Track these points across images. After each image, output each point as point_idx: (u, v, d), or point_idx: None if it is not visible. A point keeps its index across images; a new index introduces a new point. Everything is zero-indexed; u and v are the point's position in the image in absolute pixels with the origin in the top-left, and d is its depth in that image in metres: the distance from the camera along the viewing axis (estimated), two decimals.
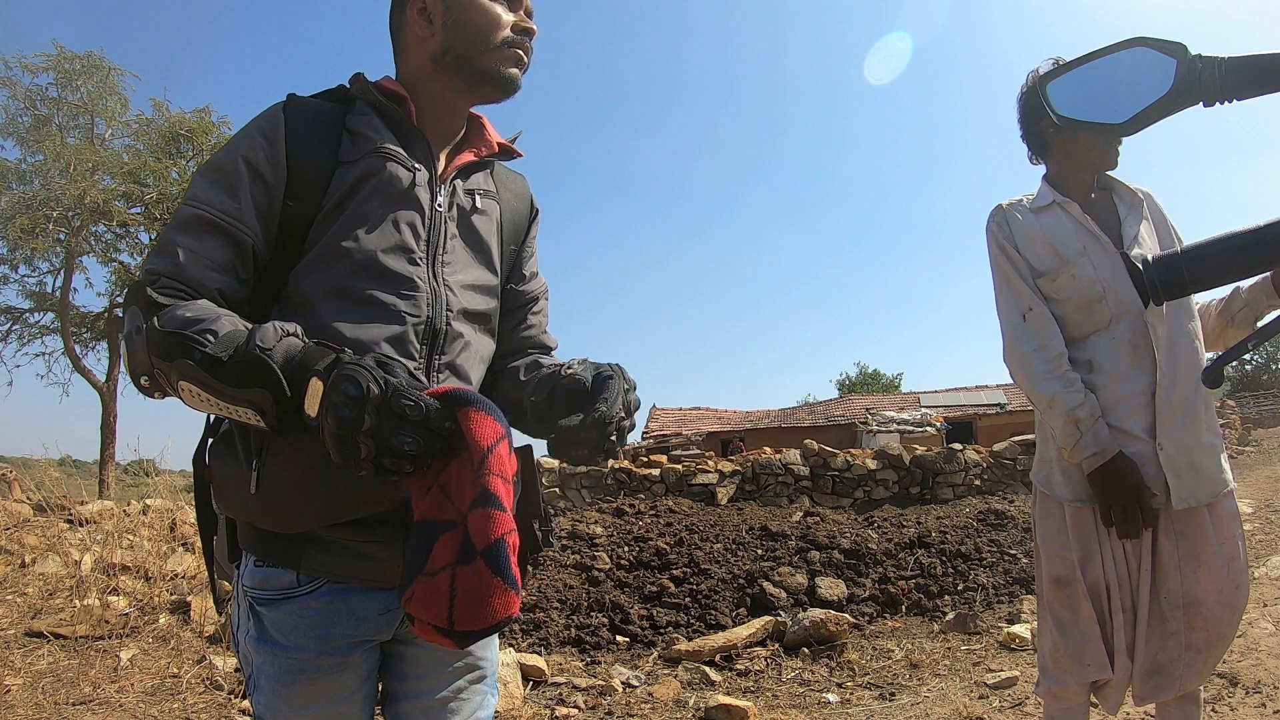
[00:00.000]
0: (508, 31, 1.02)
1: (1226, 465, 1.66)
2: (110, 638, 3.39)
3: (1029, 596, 4.46)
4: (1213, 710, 2.63)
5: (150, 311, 0.84)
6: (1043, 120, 1.77)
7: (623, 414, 0.93)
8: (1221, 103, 0.66)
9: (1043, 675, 1.73)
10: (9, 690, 2.87)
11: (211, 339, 0.80)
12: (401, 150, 0.99)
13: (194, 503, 1.04)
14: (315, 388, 0.76)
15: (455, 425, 0.77)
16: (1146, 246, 1.66)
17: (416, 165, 1.00)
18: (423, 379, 0.82)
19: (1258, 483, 8.59)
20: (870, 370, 41.15)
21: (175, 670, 3.17)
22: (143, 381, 0.86)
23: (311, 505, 0.92)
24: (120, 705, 2.86)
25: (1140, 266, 0.73)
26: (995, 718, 2.92)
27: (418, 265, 0.98)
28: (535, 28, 1.05)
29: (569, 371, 1.00)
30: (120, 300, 13.29)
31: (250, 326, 0.83)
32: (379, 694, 1.06)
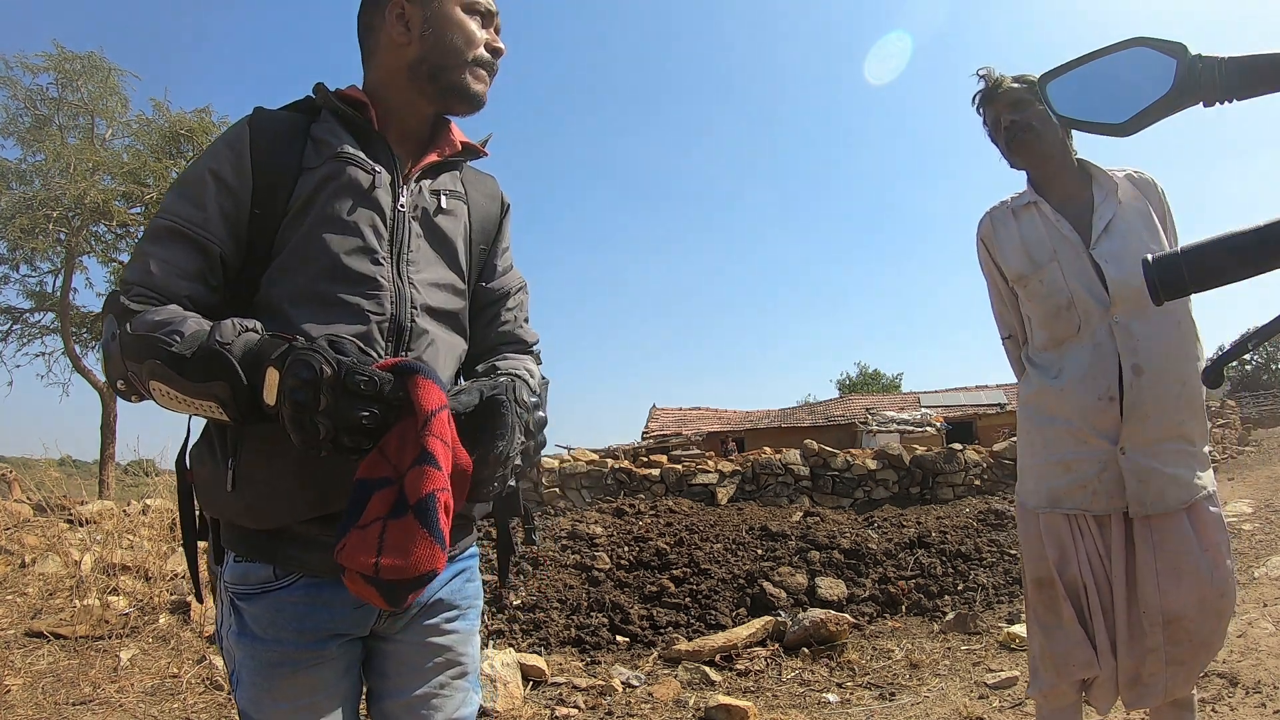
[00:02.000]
0: (481, 50, 1.06)
1: (1206, 474, 1.62)
2: (110, 638, 3.39)
3: None
4: (1213, 710, 2.63)
5: (124, 318, 0.89)
6: (989, 131, 1.79)
7: (522, 441, 0.93)
8: (1221, 103, 0.66)
9: (1034, 677, 1.74)
10: (9, 690, 2.87)
11: (178, 339, 0.84)
12: (360, 153, 1.02)
13: (178, 507, 1.07)
14: (271, 377, 0.79)
15: (406, 394, 0.80)
16: (1118, 238, 1.63)
17: (376, 167, 1.02)
18: (372, 353, 0.87)
19: (1258, 483, 8.59)
20: (870, 370, 41.16)
21: (175, 670, 3.17)
22: (119, 385, 0.90)
23: (286, 501, 0.95)
24: (120, 705, 2.87)
25: (1140, 265, 0.73)
26: (995, 718, 2.92)
27: (381, 265, 1.00)
28: (505, 48, 1.10)
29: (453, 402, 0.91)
30: None
31: (212, 326, 0.87)
32: (364, 694, 1.08)
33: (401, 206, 1.04)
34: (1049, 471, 1.67)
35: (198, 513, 1.05)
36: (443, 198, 1.09)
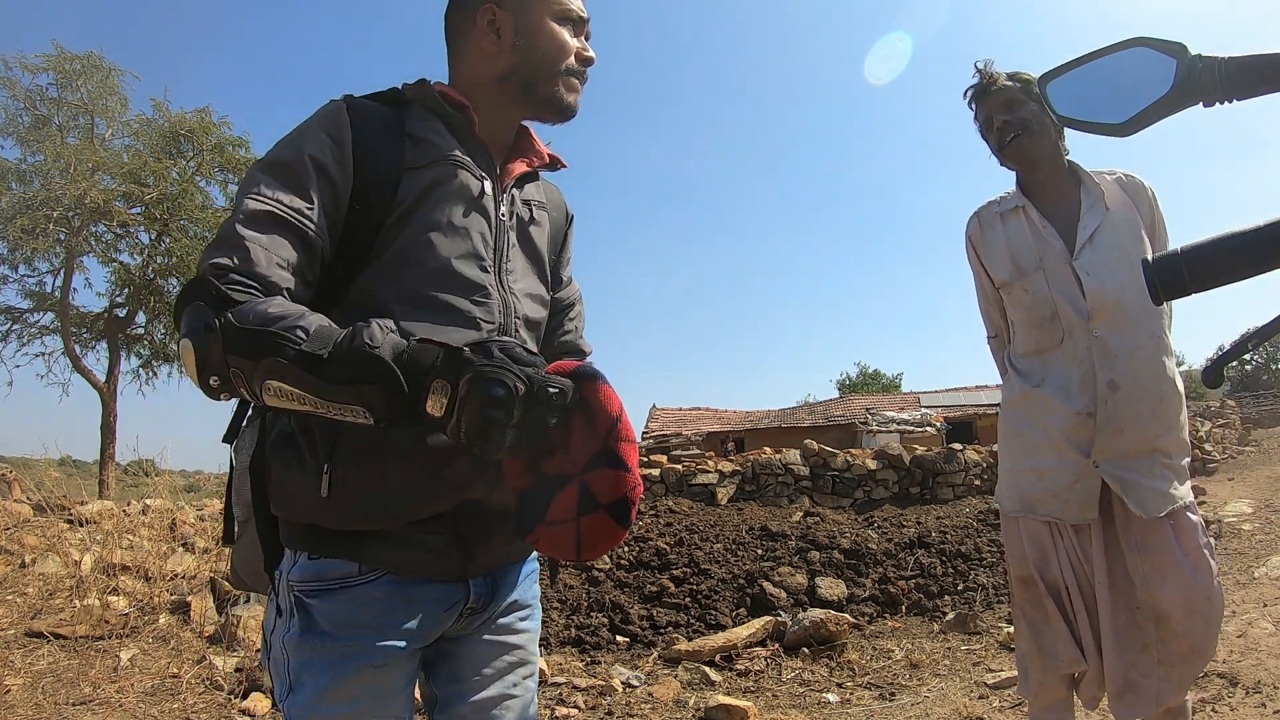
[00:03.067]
0: (572, 60, 1.04)
1: (1184, 487, 1.62)
2: (110, 638, 3.39)
3: None
4: (1213, 710, 2.63)
5: (223, 306, 0.80)
6: (980, 128, 1.77)
7: None
8: (1221, 103, 0.66)
9: (1023, 676, 1.75)
10: (9, 690, 2.87)
11: (303, 335, 0.78)
12: (469, 159, 0.99)
13: (248, 505, 0.99)
14: (439, 388, 0.75)
15: (584, 398, 0.82)
16: (1102, 248, 1.62)
17: (483, 174, 1.00)
18: (534, 349, 0.84)
19: (1258, 483, 8.59)
20: (870, 370, 41.14)
21: (175, 670, 3.17)
22: (212, 382, 0.81)
23: (385, 506, 0.91)
24: (120, 705, 2.86)
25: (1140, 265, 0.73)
26: (995, 718, 2.92)
27: (488, 273, 0.99)
28: (595, 57, 1.06)
29: None
30: (121, 300, 13.26)
31: (332, 324, 0.81)
32: (432, 702, 1.06)
33: (502, 215, 1.02)
34: (1023, 478, 1.68)
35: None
36: (534, 209, 1.08)
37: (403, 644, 0.94)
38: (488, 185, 1.00)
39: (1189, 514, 1.59)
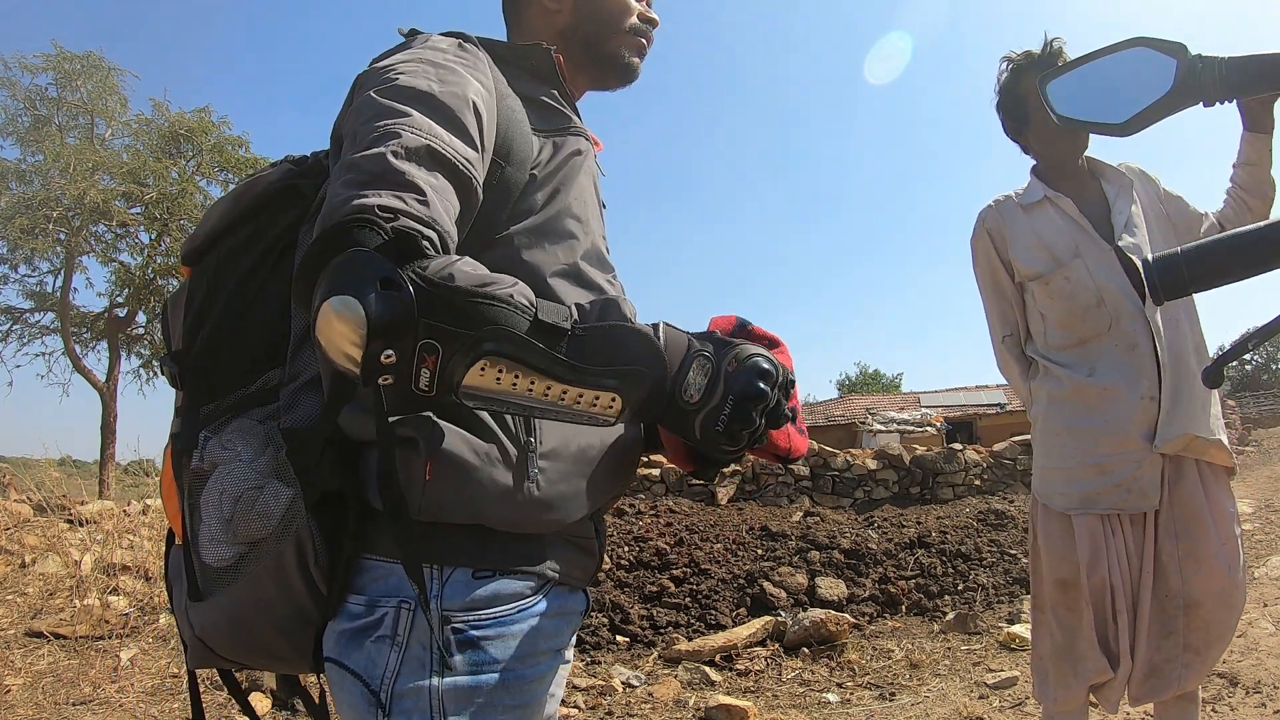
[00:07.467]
0: (635, 19, 0.99)
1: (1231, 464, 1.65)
2: (110, 638, 3.39)
3: (1029, 597, 4.46)
4: (1213, 710, 2.63)
5: (409, 257, 0.58)
6: (1008, 117, 1.75)
7: None
8: (1222, 103, 0.66)
9: (1041, 679, 1.72)
10: (9, 690, 2.87)
11: (530, 305, 0.60)
12: (588, 130, 0.93)
13: (277, 519, 0.72)
14: (701, 367, 0.66)
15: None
16: (1139, 233, 1.62)
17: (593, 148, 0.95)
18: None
19: (1258, 483, 8.58)
20: (870, 370, 41.20)
21: (175, 670, 3.17)
22: (384, 358, 0.56)
23: (588, 489, 0.80)
24: (120, 705, 2.87)
25: (1139, 265, 0.73)
26: (995, 718, 2.92)
27: (609, 253, 0.95)
28: (658, 18, 1.02)
29: None
30: (121, 300, 13.27)
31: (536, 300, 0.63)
32: None
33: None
34: (1081, 474, 1.63)
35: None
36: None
37: (555, 666, 0.82)
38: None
39: (1228, 506, 1.60)
